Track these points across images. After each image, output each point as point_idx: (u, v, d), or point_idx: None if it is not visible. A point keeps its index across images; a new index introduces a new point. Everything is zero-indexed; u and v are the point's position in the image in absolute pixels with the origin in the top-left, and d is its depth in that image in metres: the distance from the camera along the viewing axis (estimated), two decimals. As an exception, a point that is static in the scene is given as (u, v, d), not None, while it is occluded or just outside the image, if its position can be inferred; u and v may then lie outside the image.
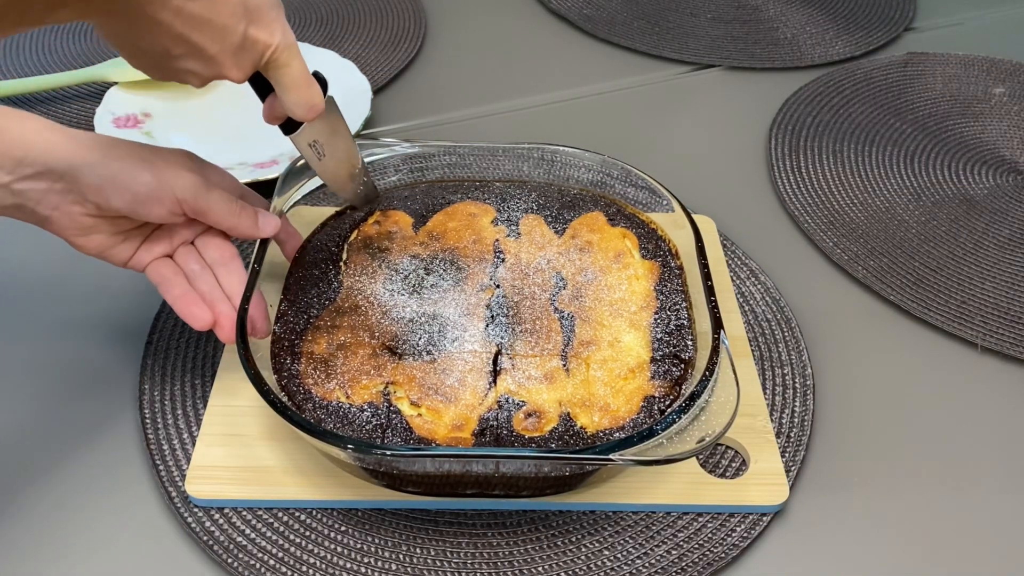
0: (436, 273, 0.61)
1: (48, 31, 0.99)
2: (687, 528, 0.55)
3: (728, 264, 0.72)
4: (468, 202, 0.67)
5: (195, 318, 0.54)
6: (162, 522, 0.54)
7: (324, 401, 0.53)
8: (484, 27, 1.06)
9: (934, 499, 0.58)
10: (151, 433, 0.58)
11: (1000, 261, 0.75)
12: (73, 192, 0.51)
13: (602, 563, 0.53)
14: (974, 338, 0.68)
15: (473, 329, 0.57)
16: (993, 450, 0.61)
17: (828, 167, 0.85)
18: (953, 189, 0.83)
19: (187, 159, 0.54)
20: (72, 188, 0.50)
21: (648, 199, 0.66)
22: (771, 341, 0.66)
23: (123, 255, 0.55)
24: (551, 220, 0.66)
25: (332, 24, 1.04)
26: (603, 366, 0.55)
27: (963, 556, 0.55)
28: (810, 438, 0.60)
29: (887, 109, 0.93)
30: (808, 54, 1.02)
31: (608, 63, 1.00)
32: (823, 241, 0.76)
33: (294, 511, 0.55)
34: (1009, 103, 0.95)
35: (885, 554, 0.55)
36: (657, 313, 0.59)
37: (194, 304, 0.55)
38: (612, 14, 1.08)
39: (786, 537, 0.55)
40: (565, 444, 0.52)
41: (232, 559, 0.52)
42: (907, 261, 0.75)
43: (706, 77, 0.99)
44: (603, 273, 0.62)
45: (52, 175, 0.49)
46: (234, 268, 0.57)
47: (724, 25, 1.07)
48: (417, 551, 0.53)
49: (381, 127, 0.89)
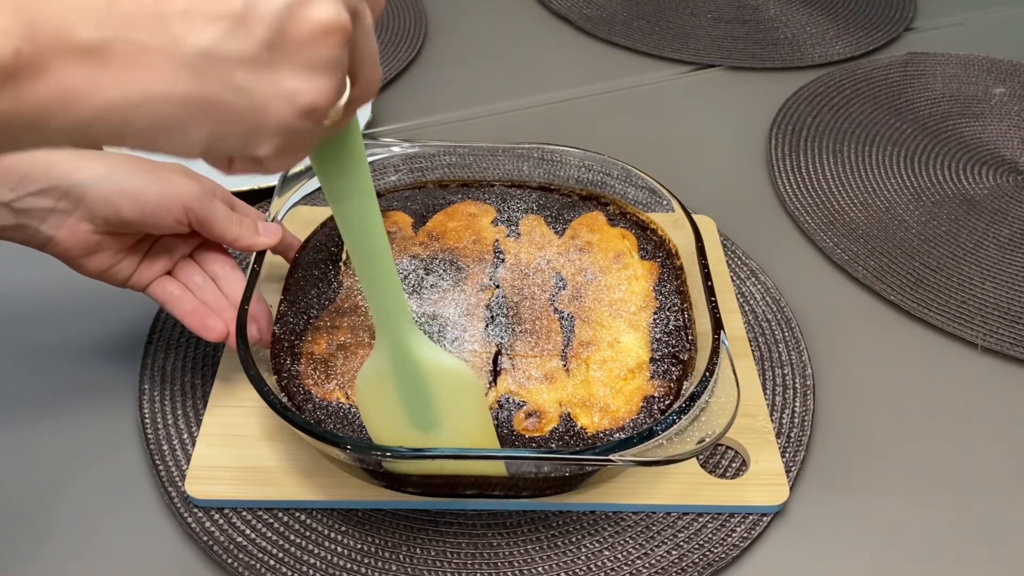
0: (436, 273, 0.61)
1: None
2: (687, 528, 0.55)
3: (728, 264, 0.72)
4: (468, 202, 0.67)
5: (210, 330, 0.54)
6: (162, 522, 0.54)
7: (324, 401, 0.53)
8: (484, 27, 1.06)
9: (934, 499, 0.58)
10: (151, 433, 0.58)
11: (1000, 261, 0.75)
12: (80, 208, 0.50)
13: (602, 563, 0.53)
14: (974, 338, 0.68)
15: (473, 329, 0.57)
16: (993, 450, 0.61)
17: (828, 167, 0.85)
18: (953, 189, 0.83)
19: (183, 168, 0.54)
20: (79, 204, 0.50)
21: (648, 199, 0.66)
22: (771, 341, 0.66)
23: (124, 273, 0.55)
24: (551, 220, 0.66)
25: (332, 24, 1.04)
26: (603, 366, 0.55)
27: (963, 556, 0.55)
28: (810, 438, 0.60)
29: (887, 109, 0.93)
30: (808, 54, 1.02)
31: (608, 63, 1.00)
32: (823, 241, 0.76)
33: (294, 511, 0.55)
34: (1009, 103, 0.95)
35: (885, 554, 0.55)
36: (656, 313, 0.59)
37: (208, 316, 0.55)
38: (612, 14, 1.08)
39: (786, 537, 0.55)
40: (565, 444, 0.52)
41: (232, 559, 0.52)
42: (907, 261, 0.75)
43: (706, 77, 0.99)
44: (603, 273, 0.62)
45: (57, 191, 0.49)
46: (235, 278, 0.57)
47: (724, 25, 1.07)
48: (417, 551, 0.53)
49: (381, 127, 0.89)
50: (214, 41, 0.30)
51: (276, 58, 0.31)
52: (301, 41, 0.31)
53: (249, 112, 0.31)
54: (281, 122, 0.32)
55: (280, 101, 0.32)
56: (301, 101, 0.32)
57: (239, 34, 0.30)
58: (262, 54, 0.31)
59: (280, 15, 0.30)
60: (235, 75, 0.30)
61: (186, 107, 0.30)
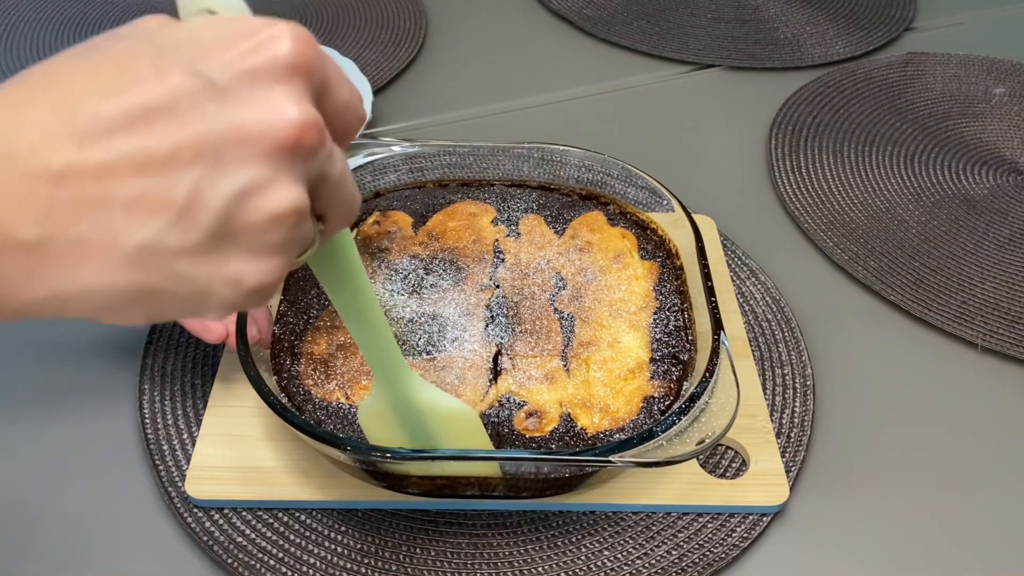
0: (436, 273, 0.61)
1: (48, 31, 0.99)
2: (687, 528, 0.55)
3: (728, 264, 0.72)
4: (468, 202, 0.67)
5: (210, 331, 0.54)
6: (162, 522, 0.54)
7: (324, 402, 0.53)
8: (484, 27, 1.06)
9: (934, 499, 0.58)
10: (151, 433, 0.58)
11: (1000, 261, 0.75)
12: None
13: (602, 563, 0.53)
14: (974, 338, 0.68)
15: (473, 329, 0.57)
16: (993, 450, 0.61)
17: (828, 167, 0.85)
18: (953, 189, 0.83)
19: None
20: None
21: (648, 199, 0.66)
22: (771, 341, 0.66)
23: None
24: (551, 220, 0.66)
25: (332, 24, 1.04)
26: (603, 367, 0.55)
27: (963, 556, 0.55)
28: (810, 438, 0.60)
29: (887, 109, 0.93)
30: (808, 54, 1.02)
31: (608, 63, 1.00)
32: (823, 241, 0.76)
33: (294, 511, 0.55)
34: (1009, 103, 0.95)
35: (885, 554, 0.55)
36: (656, 313, 0.59)
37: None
38: (612, 14, 1.08)
39: (786, 537, 0.55)
40: (565, 445, 0.52)
41: (232, 559, 0.52)
42: (907, 261, 0.75)
43: (706, 77, 0.99)
44: (603, 273, 0.62)
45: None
46: None
47: (724, 25, 1.07)
48: (417, 551, 0.53)
49: (381, 127, 0.89)
50: (156, 234, 0.27)
51: (221, 245, 0.28)
52: (251, 228, 0.29)
53: (190, 296, 0.29)
54: (225, 302, 0.30)
55: (223, 285, 0.29)
56: (246, 284, 0.30)
57: (183, 225, 0.27)
58: (206, 243, 0.28)
59: (228, 204, 0.28)
60: (176, 264, 0.28)
61: (123, 297, 0.28)
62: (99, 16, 1.02)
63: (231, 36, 0.29)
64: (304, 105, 0.29)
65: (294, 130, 0.28)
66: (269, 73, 0.29)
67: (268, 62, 0.29)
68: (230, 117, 0.28)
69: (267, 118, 0.28)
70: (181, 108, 0.27)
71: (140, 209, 0.27)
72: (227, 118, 0.28)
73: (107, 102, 0.27)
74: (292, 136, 0.28)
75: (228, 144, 0.28)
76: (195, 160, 0.27)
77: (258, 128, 0.28)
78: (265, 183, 0.28)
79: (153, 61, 0.28)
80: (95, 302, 0.28)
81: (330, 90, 0.31)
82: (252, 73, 0.28)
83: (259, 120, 0.28)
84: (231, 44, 0.29)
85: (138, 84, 0.27)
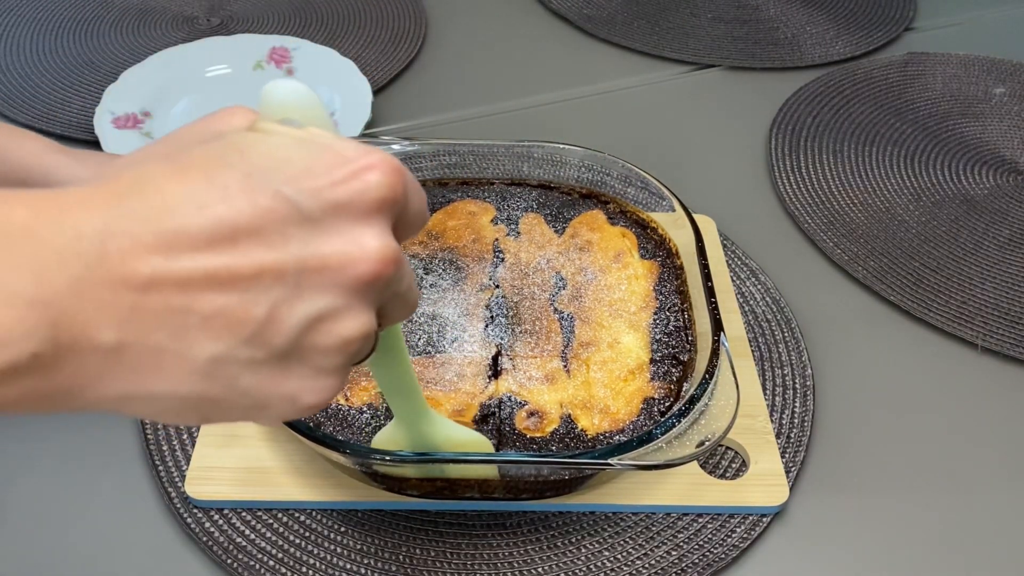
0: (435, 273, 0.61)
1: (47, 31, 0.99)
2: (687, 529, 0.55)
3: (728, 264, 0.71)
4: (468, 200, 0.67)
5: None
6: (162, 523, 0.54)
7: (324, 402, 0.53)
8: (484, 27, 1.06)
9: (934, 500, 0.58)
10: (151, 433, 0.58)
11: (1000, 261, 0.75)
12: None
13: (602, 564, 0.53)
14: (974, 338, 0.68)
15: (472, 329, 0.57)
16: (993, 450, 0.61)
17: (828, 167, 0.85)
18: (953, 189, 0.83)
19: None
20: None
21: (648, 199, 0.66)
22: (771, 341, 0.66)
23: None
24: (551, 219, 0.66)
25: (332, 24, 1.03)
26: (603, 367, 0.55)
27: (963, 556, 0.55)
28: (810, 439, 0.60)
29: (887, 109, 0.93)
30: (808, 54, 1.02)
31: (608, 63, 1.00)
32: (823, 241, 0.76)
33: (294, 512, 0.55)
34: (1009, 103, 0.95)
35: (885, 555, 0.55)
36: (656, 314, 0.59)
37: None
38: (612, 14, 1.08)
39: (786, 538, 0.55)
40: (566, 446, 0.52)
41: (232, 560, 0.52)
42: (907, 261, 0.75)
43: (706, 77, 0.99)
44: (603, 273, 0.61)
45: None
46: None
47: (724, 25, 1.07)
48: (417, 552, 0.53)
49: (381, 127, 0.89)
50: (228, 349, 0.28)
51: (287, 364, 0.30)
52: (319, 351, 0.30)
53: (249, 408, 0.30)
54: (281, 415, 0.31)
55: (281, 401, 0.30)
56: (303, 402, 0.31)
57: (255, 343, 0.28)
58: (273, 361, 0.29)
59: (302, 327, 0.29)
60: (241, 379, 0.29)
61: (185, 404, 0.29)
62: (98, 16, 1.02)
63: (323, 166, 0.30)
64: (386, 239, 0.30)
65: (376, 265, 0.30)
66: (357, 207, 0.29)
67: (357, 196, 0.29)
68: (314, 247, 0.29)
69: (350, 251, 0.29)
70: (268, 231, 0.28)
71: (218, 324, 0.28)
72: (311, 247, 0.29)
73: (197, 216, 0.27)
74: (373, 272, 0.30)
75: (310, 271, 0.29)
76: (276, 283, 0.28)
77: (340, 260, 0.29)
78: (340, 311, 0.29)
79: (243, 179, 0.28)
80: (159, 407, 0.29)
81: (408, 207, 0.32)
82: (340, 206, 0.29)
83: (342, 252, 0.29)
84: (322, 172, 0.29)
85: (227, 201, 0.27)
